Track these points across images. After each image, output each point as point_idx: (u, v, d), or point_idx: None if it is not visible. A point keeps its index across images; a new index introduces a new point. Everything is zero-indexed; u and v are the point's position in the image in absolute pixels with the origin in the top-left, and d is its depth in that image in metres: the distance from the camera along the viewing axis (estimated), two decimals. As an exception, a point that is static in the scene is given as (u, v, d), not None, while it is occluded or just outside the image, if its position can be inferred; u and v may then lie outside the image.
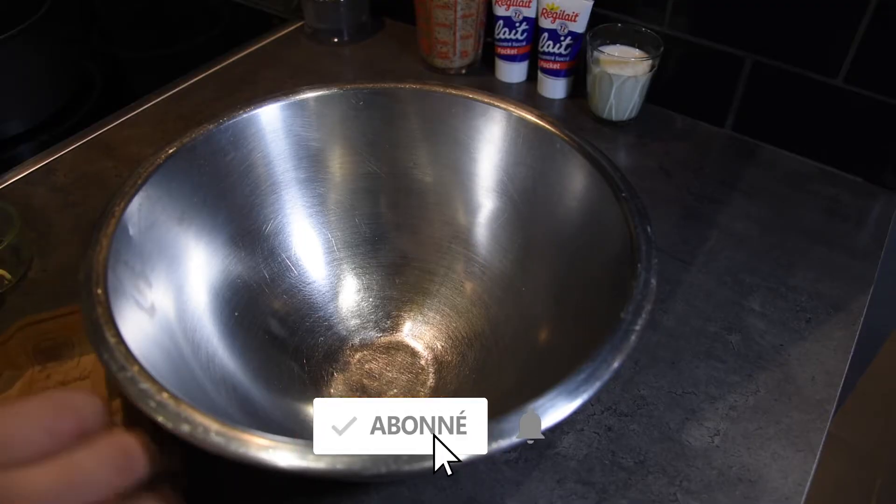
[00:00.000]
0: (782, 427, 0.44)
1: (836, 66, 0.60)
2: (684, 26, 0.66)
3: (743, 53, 0.64)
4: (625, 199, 0.40)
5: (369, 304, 0.51)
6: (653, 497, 0.40)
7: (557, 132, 0.45)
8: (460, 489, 0.41)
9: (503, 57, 0.74)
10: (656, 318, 0.51)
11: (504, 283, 0.48)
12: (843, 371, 0.47)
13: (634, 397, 0.46)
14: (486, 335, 0.47)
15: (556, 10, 0.68)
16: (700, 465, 0.42)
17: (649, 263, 0.37)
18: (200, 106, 0.73)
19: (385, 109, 0.49)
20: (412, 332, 0.49)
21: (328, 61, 0.81)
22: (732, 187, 0.63)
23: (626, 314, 0.34)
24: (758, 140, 0.68)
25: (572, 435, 0.43)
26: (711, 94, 0.68)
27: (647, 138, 0.68)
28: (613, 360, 0.32)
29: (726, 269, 0.55)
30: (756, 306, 0.52)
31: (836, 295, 0.53)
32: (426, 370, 0.47)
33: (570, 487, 0.41)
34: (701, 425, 0.44)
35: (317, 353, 0.47)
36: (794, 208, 0.61)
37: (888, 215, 0.60)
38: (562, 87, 0.72)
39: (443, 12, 0.71)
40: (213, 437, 0.27)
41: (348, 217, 0.51)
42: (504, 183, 0.49)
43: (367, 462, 0.27)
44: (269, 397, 0.42)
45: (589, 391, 0.31)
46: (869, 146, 0.62)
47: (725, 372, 0.47)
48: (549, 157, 0.46)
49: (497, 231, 0.50)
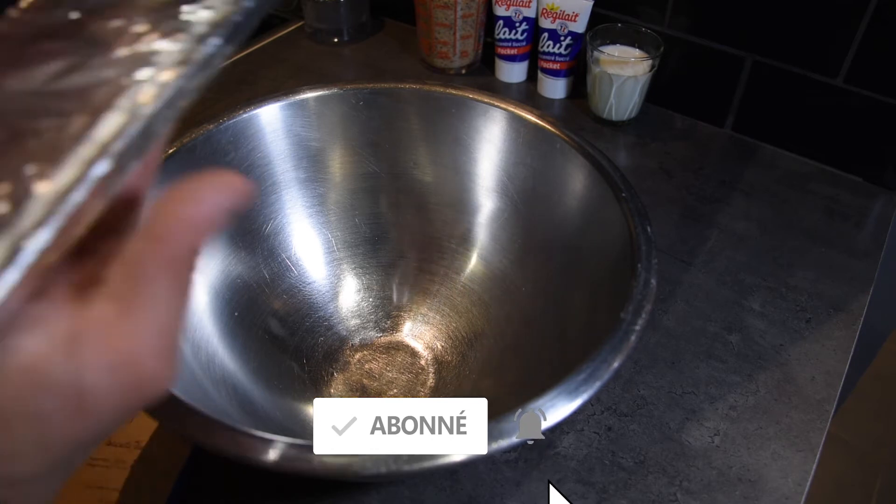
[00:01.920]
0: (782, 427, 0.44)
1: (836, 66, 0.60)
2: (684, 26, 0.66)
3: (743, 53, 0.64)
4: (625, 199, 0.40)
5: (369, 304, 0.51)
6: (653, 497, 0.40)
7: (557, 132, 0.45)
8: (460, 489, 0.41)
9: (503, 57, 0.74)
10: (656, 318, 0.51)
11: (504, 283, 0.48)
12: (843, 371, 0.47)
13: (634, 397, 0.46)
14: (486, 335, 0.47)
15: (556, 10, 0.68)
16: (700, 465, 0.42)
17: (649, 263, 0.37)
18: (200, 106, 0.73)
19: (385, 109, 0.49)
20: (412, 332, 0.49)
21: (328, 61, 0.81)
22: (732, 187, 0.63)
23: (626, 314, 0.34)
24: (758, 140, 0.68)
25: (572, 435, 0.43)
26: (711, 94, 0.68)
27: (647, 138, 0.68)
28: (613, 360, 0.32)
29: (726, 269, 0.55)
30: (756, 306, 0.52)
31: (836, 295, 0.53)
32: (426, 370, 0.47)
33: (570, 487, 0.41)
34: (701, 425, 0.44)
35: (317, 353, 0.47)
36: (794, 208, 0.61)
37: (888, 215, 0.60)
38: (562, 87, 0.72)
39: (443, 12, 0.71)
40: (213, 437, 0.27)
41: (348, 217, 0.51)
42: (504, 183, 0.49)
43: (367, 462, 0.27)
44: (269, 397, 0.42)
45: (589, 391, 0.31)
46: (869, 146, 0.62)
47: (725, 372, 0.47)
48: (549, 157, 0.46)
49: (497, 231, 0.50)
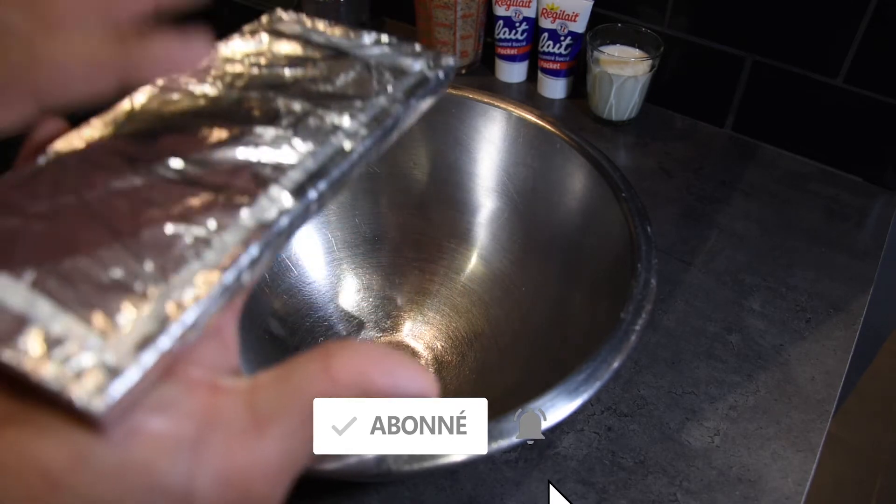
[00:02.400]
0: (782, 427, 0.44)
1: (836, 66, 0.60)
2: (684, 26, 0.66)
3: (743, 53, 0.64)
4: (625, 199, 0.40)
5: (369, 304, 0.51)
6: (653, 497, 0.40)
7: (557, 132, 0.46)
8: (460, 489, 0.40)
9: (503, 57, 0.74)
10: (656, 318, 0.51)
11: (504, 283, 0.48)
12: (843, 371, 0.47)
13: (634, 397, 0.46)
14: (486, 335, 0.47)
15: (556, 10, 0.68)
16: (700, 465, 0.42)
17: (649, 263, 0.37)
18: (200, 106, 0.73)
19: (385, 109, 0.49)
20: (412, 332, 0.49)
21: (328, 61, 0.81)
22: (732, 187, 0.63)
23: (626, 314, 0.34)
24: (758, 140, 0.68)
25: (572, 435, 0.43)
26: (711, 94, 0.68)
27: (647, 138, 0.68)
28: (613, 360, 0.32)
29: (726, 269, 0.55)
30: (756, 306, 0.52)
31: (836, 295, 0.53)
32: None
33: (571, 487, 0.41)
34: (701, 425, 0.44)
35: (317, 353, 0.47)
36: (794, 208, 0.61)
37: (888, 215, 0.60)
38: (562, 87, 0.72)
39: (443, 12, 0.71)
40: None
41: (348, 217, 0.51)
42: (504, 183, 0.49)
43: (368, 462, 0.27)
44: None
45: (589, 391, 0.31)
46: (869, 146, 0.62)
47: (725, 372, 0.47)
48: (549, 157, 0.46)
49: (497, 231, 0.50)
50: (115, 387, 0.14)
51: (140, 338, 0.14)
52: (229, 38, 0.24)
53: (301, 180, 0.18)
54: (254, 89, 0.21)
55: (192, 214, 0.17)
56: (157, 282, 0.15)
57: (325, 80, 0.22)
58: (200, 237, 0.16)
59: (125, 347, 0.14)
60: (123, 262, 0.16)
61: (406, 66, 0.23)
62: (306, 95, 0.21)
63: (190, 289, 0.15)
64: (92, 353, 0.14)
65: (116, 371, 0.14)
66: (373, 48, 0.23)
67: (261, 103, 0.21)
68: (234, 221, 0.17)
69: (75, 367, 0.14)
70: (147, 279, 0.16)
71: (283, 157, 0.19)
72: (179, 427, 0.15)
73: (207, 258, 0.16)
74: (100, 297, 0.15)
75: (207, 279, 0.16)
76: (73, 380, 0.14)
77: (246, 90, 0.21)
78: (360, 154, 0.20)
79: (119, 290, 0.15)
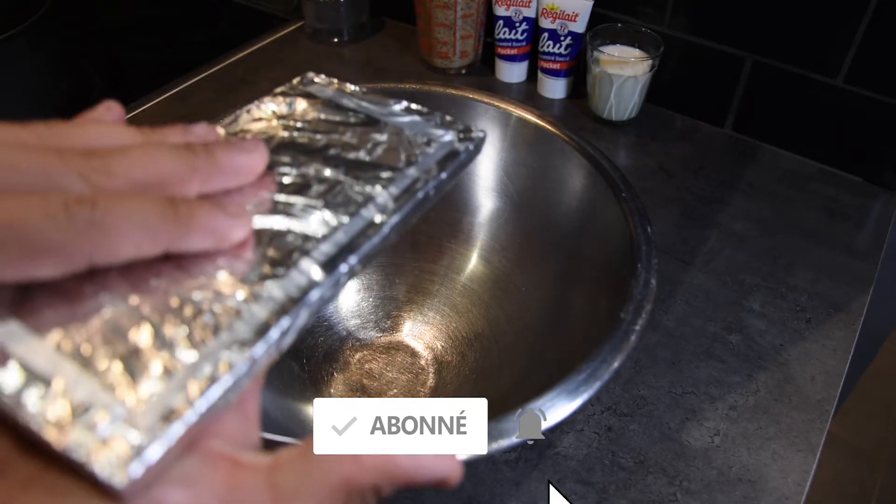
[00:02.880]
0: (782, 427, 0.44)
1: (836, 66, 0.60)
2: (684, 26, 0.66)
3: (743, 53, 0.64)
4: (625, 199, 0.41)
5: (369, 304, 0.51)
6: (653, 497, 0.40)
7: (557, 132, 0.46)
8: (460, 489, 0.40)
9: (503, 57, 0.74)
10: (656, 318, 0.51)
11: (504, 283, 0.48)
12: (843, 371, 0.47)
13: (634, 397, 0.46)
14: (486, 335, 0.47)
15: (556, 10, 0.68)
16: (700, 465, 0.42)
17: (649, 263, 0.37)
18: (200, 106, 0.73)
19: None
20: (412, 332, 0.49)
21: (328, 61, 0.81)
22: (732, 187, 0.63)
23: (626, 314, 0.34)
24: (758, 140, 0.68)
25: (572, 435, 0.43)
26: (711, 94, 0.68)
27: (647, 138, 0.68)
28: (613, 360, 0.32)
29: (726, 269, 0.55)
30: (756, 306, 0.52)
31: (836, 295, 0.53)
32: (426, 370, 0.47)
33: (571, 487, 0.41)
34: (701, 425, 0.44)
35: (317, 353, 0.47)
36: (794, 208, 0.61)
37: (888, 215, 0.60)
38: (562, 87, 0.72)
39: (443, 12, 0.71)
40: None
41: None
42: (504, 183, 0.49)
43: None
44: (269, 397, 0.42)
45: (589, 391, 0.31)
46: (869, 146, 0.62)
47: (725, 372, 0.47)
48: (549, 157, 0.46)
49: (497, 231, 0.50)
50: (138, 461, 0.13)
51: (166, 410, 0.14)
52: (261, 100, 0.24)
53: (332, 254, 0.18)
54: (283, 153, 0.21)
55: (221, 284, 0.17)
56: (184, 352, 0.15)
57: (356, 148, 0.22)
58: (230, 308, 0.16)
59: (150, 420, 0.14)
60: (151, 328, 0.16)
61: (436, 136, 0.23)
62: (336, 163, 0.21)
63: (218, 362, 0.15)
64: (117, 423, 0.14)
65: (141, 445, 0.14)
66: (403, 116, 0.23)
67: (290, 169, 0.21)
68: (263, 294, 0.17)
69: (99, 437, 0.14)
70: (174, 348, 0.15)
71: (312, 228, 0.19)
72: (200, 502, 0.15)
73: (237, 331, 0.16)
74: (126, 364, 0.15)
75: (236, 352, 0.15)
76: (97, 450, 0.13)
77: (276, 154, 0.21)
78: (391, 227, 0.19)
79: (145, 357, 0.15)
